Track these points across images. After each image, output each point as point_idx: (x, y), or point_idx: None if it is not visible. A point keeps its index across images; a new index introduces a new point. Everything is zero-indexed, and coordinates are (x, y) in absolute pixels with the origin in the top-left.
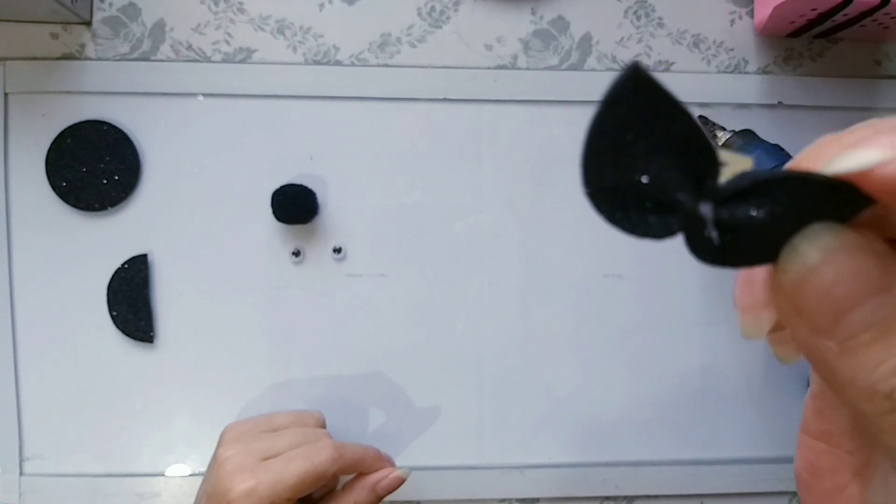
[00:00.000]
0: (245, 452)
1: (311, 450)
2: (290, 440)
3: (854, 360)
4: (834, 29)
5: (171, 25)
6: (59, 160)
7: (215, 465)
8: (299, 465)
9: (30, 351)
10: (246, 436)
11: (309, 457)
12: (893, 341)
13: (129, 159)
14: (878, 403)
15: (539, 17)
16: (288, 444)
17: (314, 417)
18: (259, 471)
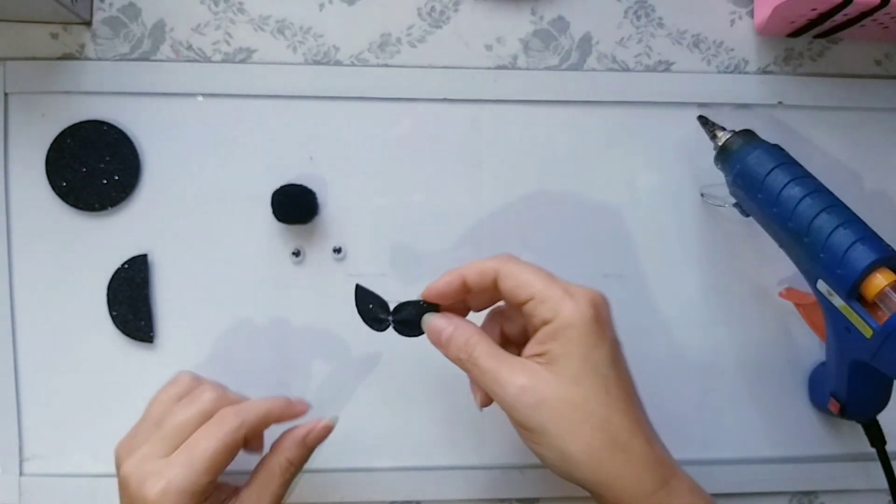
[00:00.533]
0: (143, 459)
1: (211, 426)
2: (183, 425)
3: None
4: (834, 29)
5: (171, 26)
6: (59, 160)
7: (121, 489)
8: (205, 446)
9: (30, 351)
10: (137, 444)
11: (211, 433)
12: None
13: (128, 159)
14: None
15: (539, 17)
16: (182, 430)
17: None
18: (165, 469)
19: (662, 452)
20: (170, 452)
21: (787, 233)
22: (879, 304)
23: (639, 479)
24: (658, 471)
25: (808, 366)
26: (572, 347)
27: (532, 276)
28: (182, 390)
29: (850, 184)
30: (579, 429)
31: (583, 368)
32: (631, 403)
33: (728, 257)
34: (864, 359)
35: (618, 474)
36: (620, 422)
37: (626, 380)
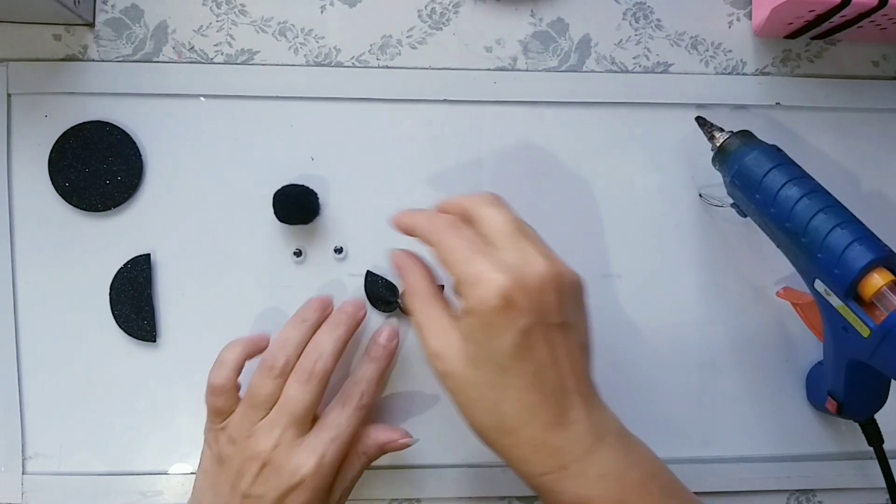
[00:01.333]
0: (289, 443)
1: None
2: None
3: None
4: (832, 30)
5: (173, 27)
6: (61, 161)
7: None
8: (346, 423)
9: (33, 350)
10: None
11: (346, 412)
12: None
13: (131, 160)
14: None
15: (538, 18)
16: (308, 412)
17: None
18: (315, 446)
19: (565, 440)
20: (304, 433)
21: (784, 233)
22: (876, 303)
23: (525, 461)
24: (550, 458)
25: (806, 365)
26: (474, 332)
27: (456, 250)
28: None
29: (847, 184)
30: (472, 406)
31: (479, 354)
32: (530, 392)
33: (726, 257)
34: (862, 358)
35: (504, 454)
36: (510, 409)
37: (532, 368)
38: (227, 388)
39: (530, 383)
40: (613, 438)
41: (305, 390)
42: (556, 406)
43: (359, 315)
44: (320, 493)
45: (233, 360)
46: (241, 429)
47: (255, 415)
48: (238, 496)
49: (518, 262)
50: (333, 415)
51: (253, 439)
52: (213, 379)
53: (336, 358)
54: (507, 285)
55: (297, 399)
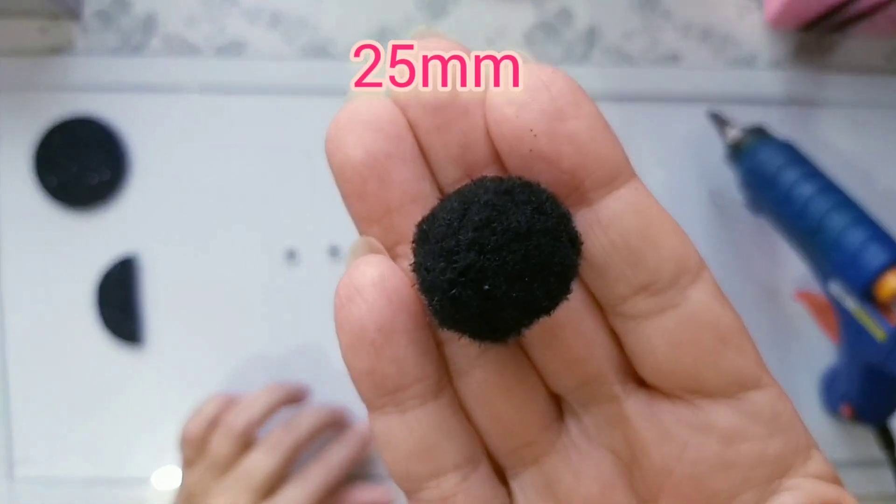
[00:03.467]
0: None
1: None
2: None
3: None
4: (846, 23)
5: (162, 19)
6: (47, 157)
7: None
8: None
9: (18, 353)
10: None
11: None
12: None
13: (118, 156)
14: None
15: (542, 8)
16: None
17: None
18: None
19: None
20: (258, 501)
21: (798, 231)
22: (892, 306)
23: None
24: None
25: (820, 369)
26: None
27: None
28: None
29: (862, 181)
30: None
31: None
32: None
33: (738, 257)
34: (877, 361)
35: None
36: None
37: None
38: (197, 441)
39: None
40: None
41: (268, 461)
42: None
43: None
44: None
45: (209, 412)
46: (199, 485)
47: (213, 472)
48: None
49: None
50: (290, 491)
51: (208, 497)
52: (184, 428)
53: (311, 437)
54: None
55: (258, 468)
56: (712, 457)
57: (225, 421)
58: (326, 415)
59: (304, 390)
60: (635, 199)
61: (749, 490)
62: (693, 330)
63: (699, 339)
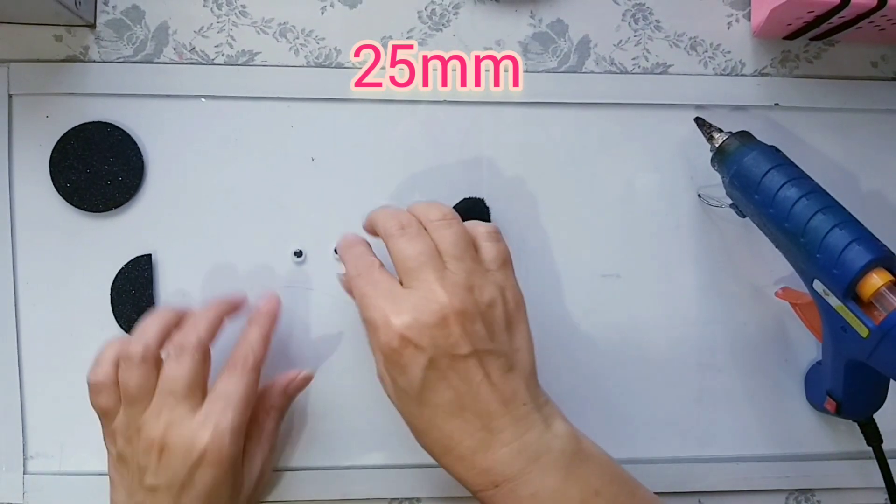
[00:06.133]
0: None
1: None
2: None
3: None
4: (831, 31)
5: (174, 28)
6: (62, 161)
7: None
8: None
9: (34, 350)
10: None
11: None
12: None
13: (132, 160)
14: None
15: (538, 19)
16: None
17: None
18: (207, 418)
19: (491, 462)
20: (195, 408)
21: (783, 233)
22: (875, 303)
23: (461, 478)
24: (482, 476)
25: (805, 365)
26: (387, 371)
27: (367, 297)
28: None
29: (846, 185)
30: (413, 430)
31: (396, 389)
32: (450, 418)
33: (725, 257)
34: (860, 358)
35: (447, 471)
36: (436, 435)
37: (447, 397)
38: (107, 385)
39: (448, 411)
40: (552, 458)
41: (181, 365)
42: (482, 430)
43: (233, 301)
44: (227, 465)
45: (109, 356)
46: (129, 425)
47: (136, 408)
48: (144, 491)
49: (418, 302)
50: (221, 384)
51: (144, 430)
52: (89, 377)
53: (210, 331)
54: (404, 327)
55: (174, 376)
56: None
57: (124, 353)
58: (219, 306)
59: (184, 310)
60: None
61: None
62: None
63: None
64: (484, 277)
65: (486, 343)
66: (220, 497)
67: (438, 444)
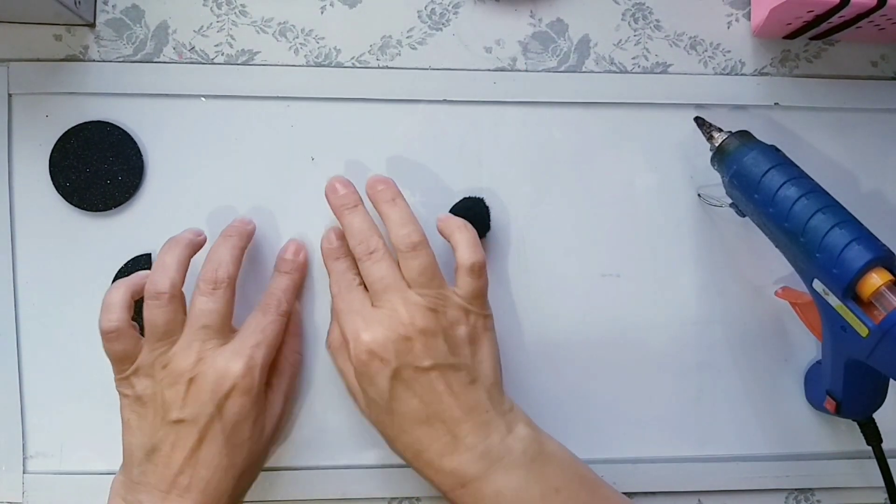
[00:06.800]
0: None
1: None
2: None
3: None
4: (830, 31)
5: (174, 27)
6: (62, 161)
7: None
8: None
9: (33, 350)
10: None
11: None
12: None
13: (132, 160)
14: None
15: (538, 19)
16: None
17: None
18: (240, 350)
19: (457, 463)
20: (225, 342)
21: (783, 233)
22: (875, 303)
23: (433, 481)
24: (450, 478)
25: (804, 364)
26: (358, 382)
27: (342, 312)
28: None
29: (846, 184)
30: (386, 438)
31: (367, 400)
32: (417, 425)
33: (724, 257)
34: (860, 358)
35: (420, 474)
36: (406, 440)
37: (413, 405)
38: (122, 330)
39: (415, 419)
40: (513, 459)
41: (213, 299)
42: (447, 435)
43: (248, 228)
44: (255, 397)
45: (119, 300)
46: (155, 361)
47: (163, 344)
48: (168, 426)
49: (383, 319)
50: (254, 322)
51: (173, 363)
52: (102, 325)
53: (237, 264)
54: (372, 341)
55: (207, 310)
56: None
57: (147, 292)
58: (237, 237)
59: (198, 232)
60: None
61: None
62: None
63: None
64: (447, 302)
65: (448, 357)
66: (243, 431)
67: (409, 448)
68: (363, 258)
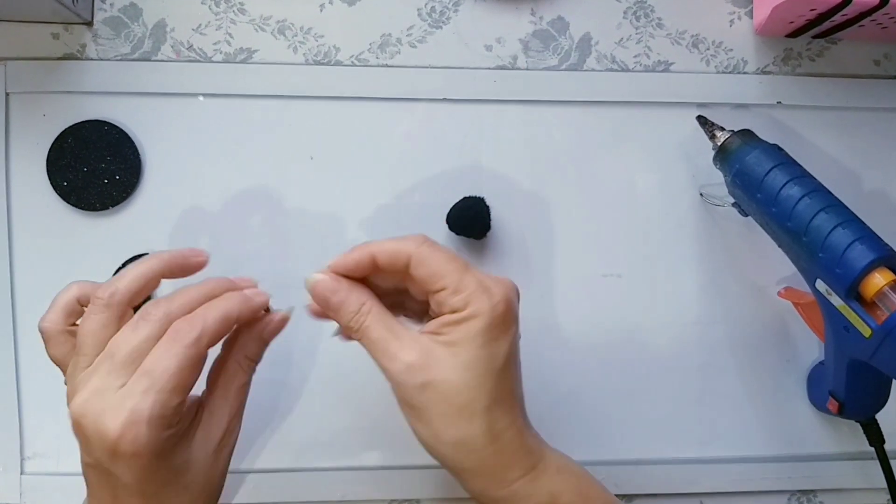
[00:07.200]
0: (94, 394)
1: (166, 342)
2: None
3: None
4: (833, 29)
5: (172, 26)
6: (60, 160)
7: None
8: (165, 364)
9: (31, 350)
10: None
11: (169, 350)
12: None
13: (129, 159)
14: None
15: (539, 17)
16: (135, 355)
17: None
18: (125, 398)
19: (532, 441)
20: (125, 382)
21: (785, 232)
22: (878, 303)
23: (506, 466)
24: (526, 459)
25: (807, 365)
26: (475, 335)
27: (446, 264)
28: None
29: (848, 183)
30: (458, 414)
31: (479, 356)
32: (513, 396)
33: (727, 256)
34: (863, 358)
35: (487, 462)
36: (500, 412)
37: (516, 373)
38: (52, 333)
39: (513, 387)
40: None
41: (136, 331)
42: (522, 408)
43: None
44: (149, 458)
45: (63, 300)
46: (70, 382)
47: (80, 361)
48: (86, 468)
49: (499, 278)
50: (149, 357)
51: (72, 394)
52: (39, 324)
53: (188, 305)
54: (508, 292)
55: (121, 339)
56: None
57: (93, 296)
58: (215, 284)
59: (194, 257)
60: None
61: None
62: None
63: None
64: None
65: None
66: (158, 487)
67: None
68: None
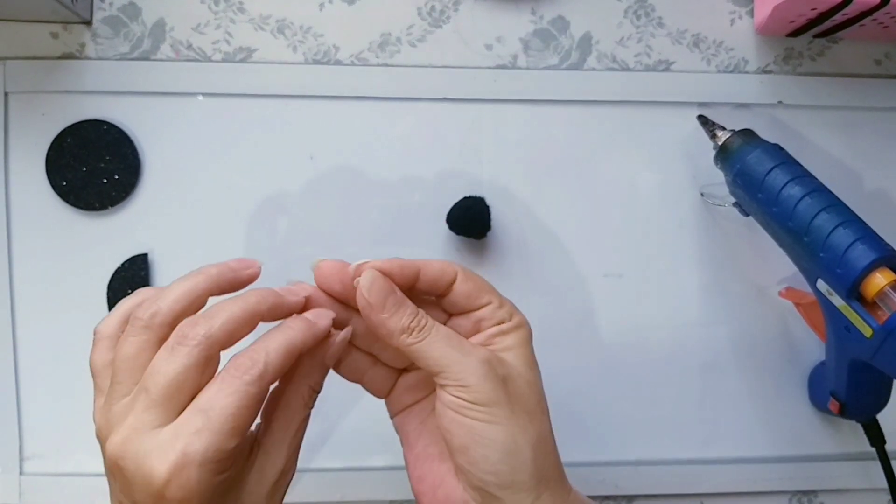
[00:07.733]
0: (133, 433)
1: (227, 379)
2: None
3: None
4: (834, 28)
5: (171, 25)
6: (59, 159)
7: (112, 476)
8: (225, 402)
9: (30, 350)
10: (118, 415)
11: (229, 388)
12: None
13: (129, 159)
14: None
15: (539, 16)
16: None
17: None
18: (174, 438)
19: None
20: (168, 419)
21: (786, 232)
22: (879, 303)
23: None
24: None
25: (808, 365)
26: (525, 342)
27: (485, 282)
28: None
29: (849, 183)
30: (537, 406)
31: (534, 360)
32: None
33: (727, 256)
34: (864, 358)
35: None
36: (548, 421)
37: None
38: (106, 337)
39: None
40: None
41: (171, 360)
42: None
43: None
44: (203, 494)
45: (126, 307)
46: (104, 409)
47: (115, 390)
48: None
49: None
50: (205, 394)
51: (107, 430)
52: (97, 324)
53: (232, 330)
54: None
55: (156, 370)
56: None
57: (132, 315)
58: (257, 298)
59: (245, 269)
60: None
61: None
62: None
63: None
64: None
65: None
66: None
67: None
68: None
